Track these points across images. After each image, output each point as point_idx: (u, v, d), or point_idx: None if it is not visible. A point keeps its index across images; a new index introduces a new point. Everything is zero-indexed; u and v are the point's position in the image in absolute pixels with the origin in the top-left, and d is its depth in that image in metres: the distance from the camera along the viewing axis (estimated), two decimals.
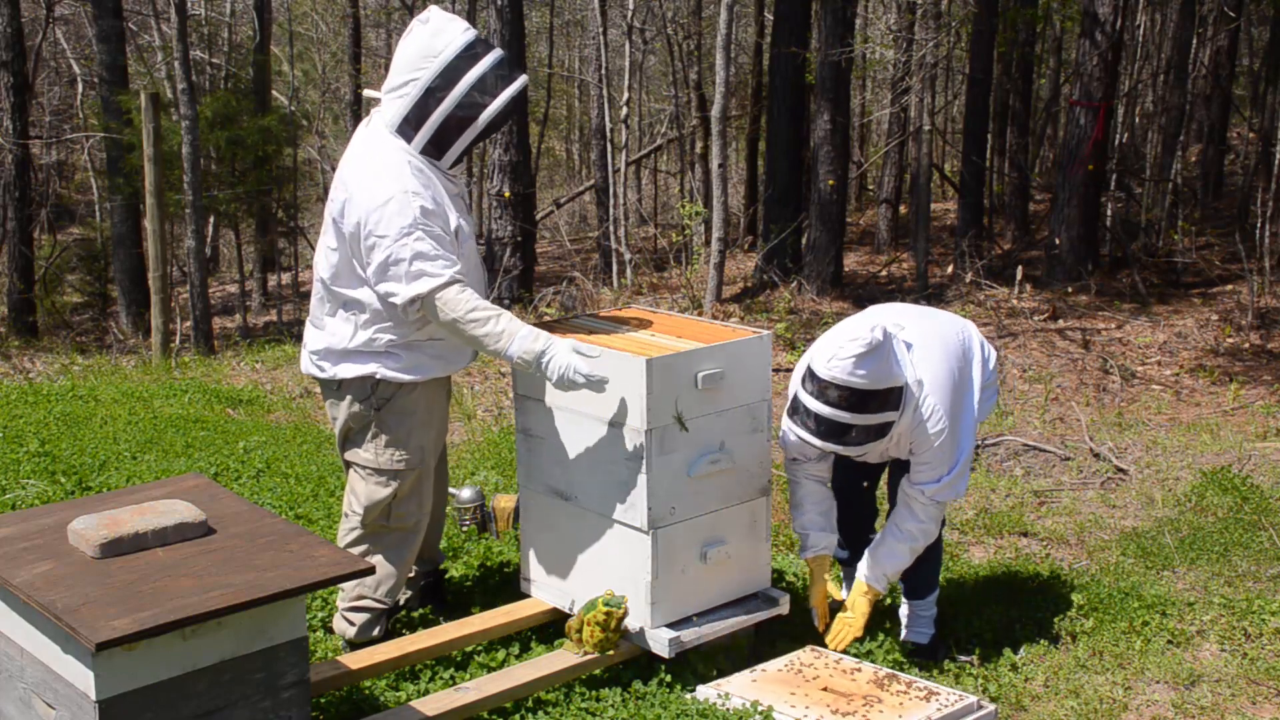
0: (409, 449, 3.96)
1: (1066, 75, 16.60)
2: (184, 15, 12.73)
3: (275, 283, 18.35)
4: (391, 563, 4.06)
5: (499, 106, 3.76)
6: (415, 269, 3.69)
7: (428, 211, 3.72)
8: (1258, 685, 4.16)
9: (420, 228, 3.69)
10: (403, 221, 3.69)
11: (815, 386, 3.84)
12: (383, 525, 4.02)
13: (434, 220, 3.73)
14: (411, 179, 3.75)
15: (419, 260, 3.69)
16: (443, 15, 3.83)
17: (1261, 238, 11.99)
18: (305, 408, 8.01)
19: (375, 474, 3.98)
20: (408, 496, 4.01)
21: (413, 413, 3.95)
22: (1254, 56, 19.12)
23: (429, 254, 3.69)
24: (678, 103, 19.40)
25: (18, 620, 2.99)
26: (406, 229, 3.68)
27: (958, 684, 4.15)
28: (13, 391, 7.60)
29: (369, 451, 3.97)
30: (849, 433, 3.85)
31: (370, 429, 3.95)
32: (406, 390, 3.92)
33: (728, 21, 10.67)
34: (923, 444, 4.06)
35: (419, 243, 3.69)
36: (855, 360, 3.76)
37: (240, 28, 20.26)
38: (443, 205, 3.79)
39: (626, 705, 3.73)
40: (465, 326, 3.72)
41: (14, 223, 15.84)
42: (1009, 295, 11.09)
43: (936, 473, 4.11)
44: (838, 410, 3.81)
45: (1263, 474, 6.40)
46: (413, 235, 3.68)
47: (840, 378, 3.78)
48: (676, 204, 17.19)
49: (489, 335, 3.71)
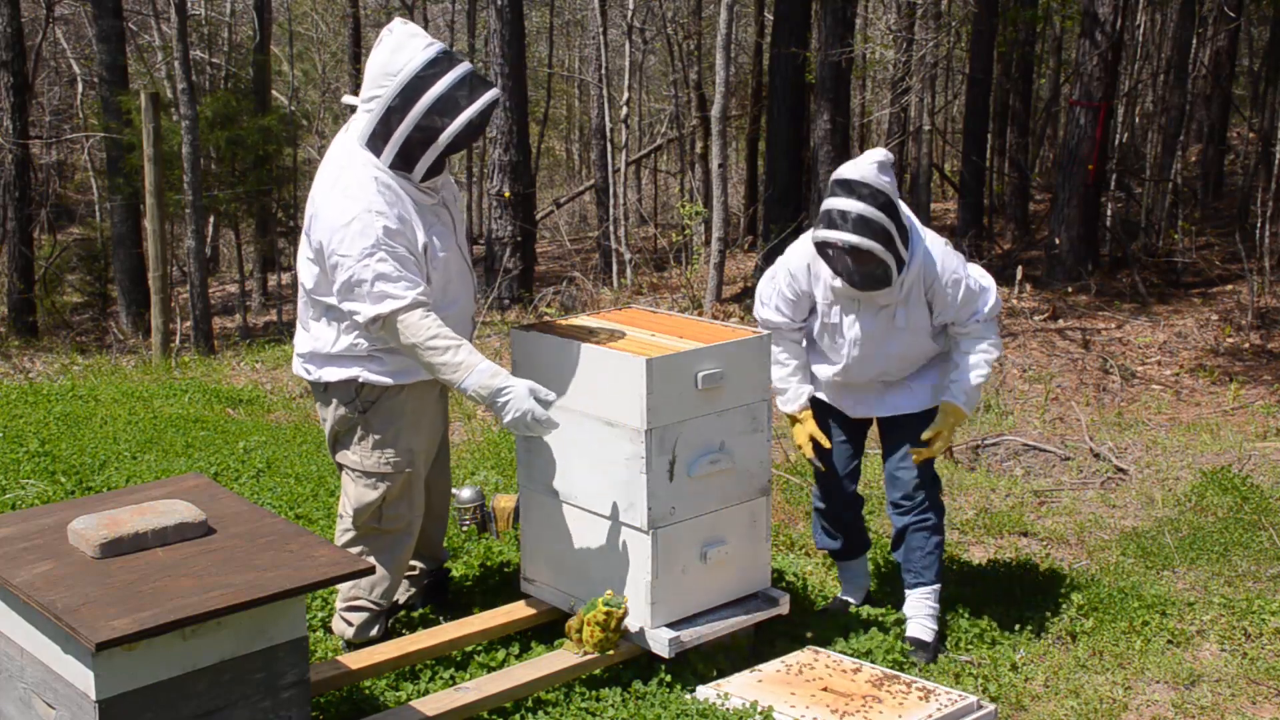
0: (397, 451, 3.93)
1: (1066, 75, 16.59)
2: (184, 15, 12.73)
3: (275, 283, 18.35)
4: (385, 565, 4.04)
5: (458, 127, 3.69)
6: (378, 290, 3.64)
7: (391, 231, 3.67)
8: (1258, 685, 4.16)
9: (383, 248, 3.64)
10: (365, 242, 3.64)
11: (845, 189, 4.02)
12: (374, 527, 4.00)
13: (398, 240, 3.68)
14: (376, 197, 3.69)
15: (381, 281, 3.64)
16: (405, 30, 3.75)
17: (1261, 238, 11.99)
18: (305, 408, 8.01)
19: (364, 476, 3.96)
20: (398, 499, 3.99)
21: (400, 415, 3.92)
22: (1254, 56, 19.12)
23: (391, 275, 3.64)
24: (678, 103, 19.41)
25: (18, 620, 2.99)
26: (369, 249, 3.64)
27: (958, 684, 4.15)
28: (13, 391, 7.60)
29: (356, 454, 3.95)
30: (877, 237, 3.97)
31: (357, 431, 3.93)
32: (392, 393, 3.89)
33: (728, 21, 10.67)
34: (945, 289, 4.20)
35: (381, 264, 3.64)
36: (879, 165, 4.05)
37: (240, 28, 20.26)
38: (410, 223, 3.74)
39: (626, 705, 3.73)
40: (424, 353, 3.67)
41: (14, 223, 15.84)
42: (1009, 295, 11.09)
43: (973, 305, 4.26)
44: (867, 206, 3.98)
45: (1263, 474, 6.40)
46: (375, 256, 3.64)
47: (870, 177, 4.02)
48: (676, 204, 17.19)
49: (446, 365, 3.66)
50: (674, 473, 3.84)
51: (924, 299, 4.22)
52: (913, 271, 4.14)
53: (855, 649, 4.23)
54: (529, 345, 4.08)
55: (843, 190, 4.02)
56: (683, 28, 18.74)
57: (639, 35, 17.05)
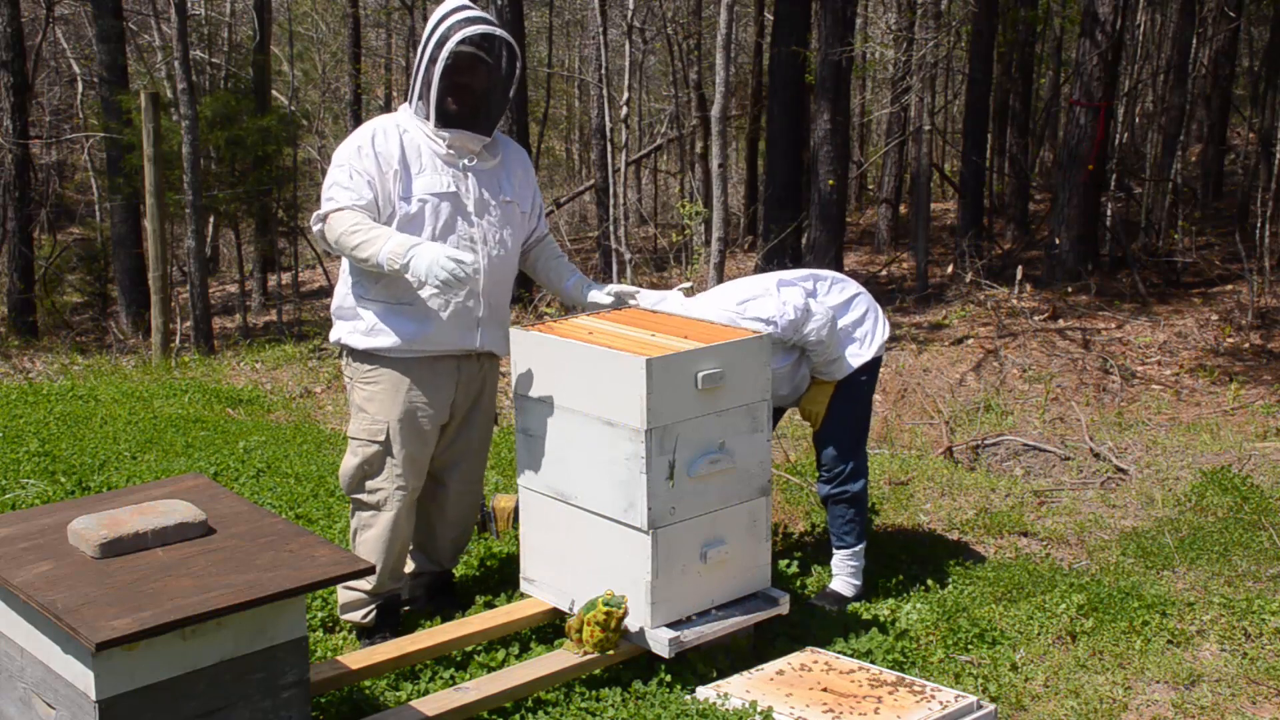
0: (371, 420, 4.13)
1: (1066, 75, 16.59)
2: (184, 15, 12.73)
3: (275, 283, 18.34)
4: (373, 541, 4.17)
5: (449, 51, 3.95)
6: (329, 194, 4.01)
7: (363, 151, 4.00)
8: (1258, 685, 4.16)
9: (350, 163, 4.00)
10: (340, 157, 4.04)
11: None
12: (358, 499, 4.20)
13: (364, 159, 3.99)
14: (368, 130, 4.07)
15: (334, 188, 4.01)
16: (445, 3, 4.08)
17: (1261, 238, 11.99)
18: (305, 408, 8.01)
19: (351, 440, 4.20)
20: (376, 473, 4.15)
21: (376, 385, 4.12)
22: (1254, 56, 19.13)
23: (342, 183, 3.99)
24: (678, 103, 19.41)
25: (18, 620, 2.99)
26: (339, 164, 4.02)
27: (958, 684, 4.15)
28: (13, 391, 7.60)
29: (351, 416, 4.24)
30: None
31: (350, 393, 4.23)
32: (372, 361, 4.11)
33: (728, 21, 10.66)
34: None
35: (339, 172, 4.01)
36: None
37: (240, 28, 20.25)
38: (392, 157, 4.01)
39: (626, 705, 3.73)
40: (344, 239, 3.94)
41: (14, 223, 15.84)
42: (1009, 295, 11.09)
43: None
44: None
45: (1263, 474, 6.40)
46: (340, 168, 4.01)
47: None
48: (676, 204, 17.19)
49: (361, 245, 3.90)
50: (674, 473, 3.84)
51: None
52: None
53: (855, 649, 4.23)
54: (529, 345, 4.08)
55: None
56: (683, 28, 18.73)
57: (639, 35, 17.04)
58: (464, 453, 4.32)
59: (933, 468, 6.55)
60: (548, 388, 4.03)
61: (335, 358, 9.08)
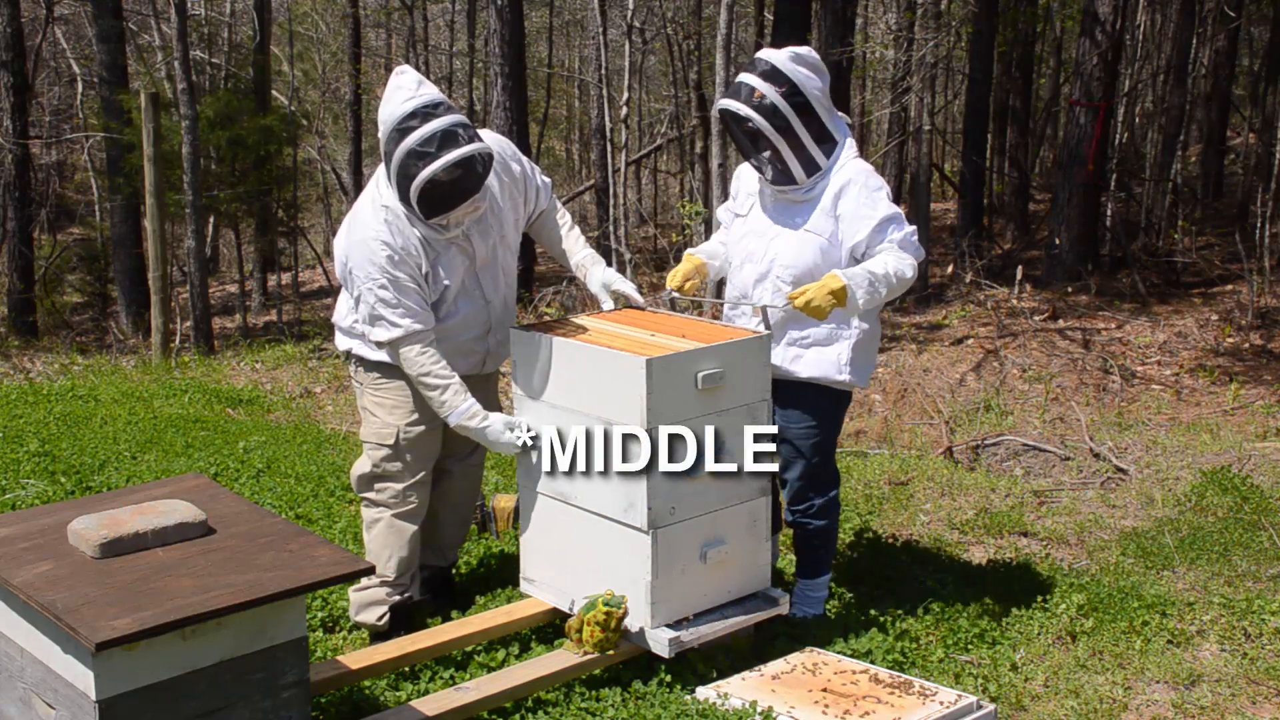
0: (383, 425, 4.18)
1: (1066, 75, 16.59)
2: (184, 15, 12.73)
3: (275, 283, 18.35)
4: (383, 536, 4.22)
5: (420, 184, 3.77)
6: (378, 314, 3.96)
7: (395, 261, 3.92)
8: (1258, 685, 4.16)
9: (385, 275, 3.92)
10: (370, 268, 3.93)
11: (750, 66, 4.17)
12: (368, 498, 4.25)
13: (400, 269, 3.93)
14: (384, 226, 3.93)
15: (381, 306, 3.95)
16: (396, 80, 3.88)
17: (1261, 238, 12.00)
18: (305, 408, 8.02)
19: (364, 443, 4.25)
20: (385, 475, 4.20)
21: (385, 392, 4.17)
22: (1254, 56, 19.13)
23: (390, 302, 3.94)
24: (678, 103, 19.41)
25: (18, 620, 2.99)
26: (373, 275, 3.93)
27: (958, 684, 4.15)
28: (13, 391, 7.60)
29: (362, 420, 4.30)
30: (764, 112, 4.07)
31: (359, 398, 4.29)
32: (380, 371, 4.15)
33: (728, 21, 10.67)
34: (859, 204, 4.15)
35: (382, 290, 3.94)
36: (793, 56, 4.12)
37: (240, 28, 20.25)
38: (412, 253, 3.94)
39: (626, 705, 3.73)
40: (418, 385, 4.04)
41: (14, 223, 15.83)
42: (1009, 295, 11.09)
43: (884, 232, 4.14)
44: (763, 82, 4.10)
45: (1263, 474, 6.40)
46: (378, 283, 3.93)
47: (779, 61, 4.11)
48: (676, 204, 17.19)
49: (433, 401, 4.03)
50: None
51: (834, 211, 4.20)
52: (830, 179, 4.17)
53: (855, 649, 4.23)
54: (529, 345, 4.08)
55: (748, 66, 4.19)
56: (683, 28, 18.73)
57: (639, 35, 17.05)
58: (465, 439, 4.32)
59: (933, 468, 6.55)
60: (547, 388, 4.03)
61: (336, 358, 9.08)
